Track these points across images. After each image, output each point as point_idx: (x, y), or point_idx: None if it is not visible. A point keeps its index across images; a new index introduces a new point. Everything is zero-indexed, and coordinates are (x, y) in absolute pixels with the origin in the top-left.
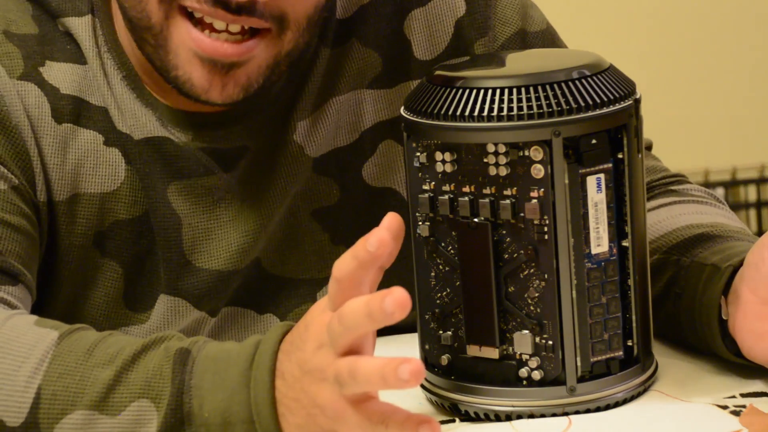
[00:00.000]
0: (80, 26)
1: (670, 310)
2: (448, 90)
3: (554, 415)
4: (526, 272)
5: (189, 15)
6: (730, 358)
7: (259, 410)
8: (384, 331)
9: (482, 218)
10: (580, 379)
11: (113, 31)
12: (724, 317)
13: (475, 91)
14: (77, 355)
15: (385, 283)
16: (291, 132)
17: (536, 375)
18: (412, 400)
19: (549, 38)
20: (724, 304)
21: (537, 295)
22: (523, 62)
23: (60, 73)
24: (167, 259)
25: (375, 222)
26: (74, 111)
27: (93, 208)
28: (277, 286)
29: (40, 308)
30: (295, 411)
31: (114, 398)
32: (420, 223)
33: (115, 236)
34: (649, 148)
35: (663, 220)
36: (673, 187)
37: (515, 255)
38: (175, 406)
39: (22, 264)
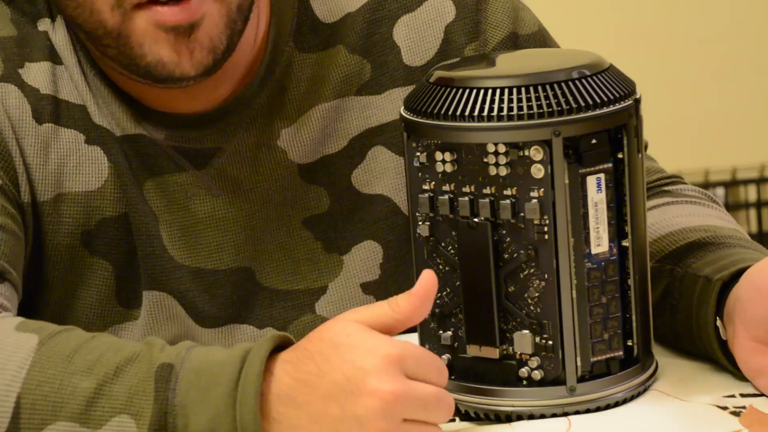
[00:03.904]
0: (54, 27)
1: (667, 319)
2: (448, 90)
3: (554, 415)
4: (526, 272)
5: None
6: (734, 372)
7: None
8: None
9: (482, 218)
10: (580, 379)
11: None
12: (723, 338)
13: (475, 91)
14: (56, 362)
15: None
16: (275, 138)
17: (536, 375)
18: None
19: (541, 40)
20: (721, 326)
21: (537, 295)
22: (523, 62)
23: (39, 74)
24: (149, 254)
25: (366, 228)
26: (54, 111)
27: (78, 207)
28: (273, 299)
29: (31, 311)
30: (322, 424)
31: (95, 411)
32: (420, 223)
33: (103, 234)
34: (645, 148)
35: (656, 223)
36: (666, 188)
37: (515, 255)
38: (158, 426)
39: (8, 262)
